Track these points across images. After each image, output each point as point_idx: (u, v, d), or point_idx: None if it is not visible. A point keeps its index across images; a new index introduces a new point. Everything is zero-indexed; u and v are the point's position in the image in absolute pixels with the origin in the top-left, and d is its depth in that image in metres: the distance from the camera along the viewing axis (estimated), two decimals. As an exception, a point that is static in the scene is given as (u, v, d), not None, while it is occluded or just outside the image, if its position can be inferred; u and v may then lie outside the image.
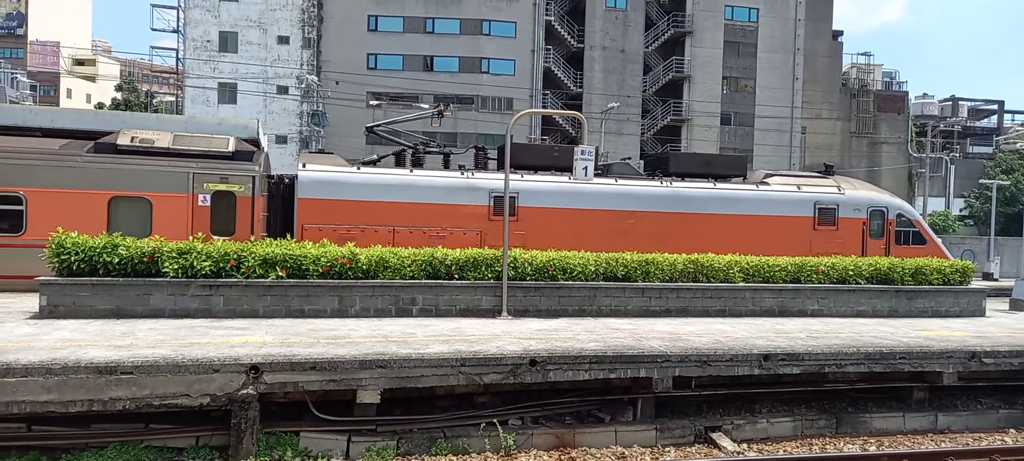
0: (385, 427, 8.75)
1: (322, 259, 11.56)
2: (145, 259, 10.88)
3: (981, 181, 49.12)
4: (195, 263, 10.97)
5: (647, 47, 50.67)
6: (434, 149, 19.49)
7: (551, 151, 19.94)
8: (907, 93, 59.71)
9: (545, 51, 48.30)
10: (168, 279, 10.86)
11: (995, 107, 67.01)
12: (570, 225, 17.56)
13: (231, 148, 15.31)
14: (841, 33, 56.17)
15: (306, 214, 16.21)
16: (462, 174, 17.71)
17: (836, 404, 10.85)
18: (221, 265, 11.12)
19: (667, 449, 9.27)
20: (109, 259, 10.75)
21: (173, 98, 58.36)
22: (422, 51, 47.79)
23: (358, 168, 17.20)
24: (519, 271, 12.44)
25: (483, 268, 12.32)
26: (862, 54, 60.72)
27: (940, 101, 65.27)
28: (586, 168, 13.23)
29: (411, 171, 17.50)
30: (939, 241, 21.22)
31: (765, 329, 11.81)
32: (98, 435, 8.08)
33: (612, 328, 11.33)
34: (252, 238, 14.04)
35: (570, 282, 12.68)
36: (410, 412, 9.21)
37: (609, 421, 9.67)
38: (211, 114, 42.90)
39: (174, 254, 10.97)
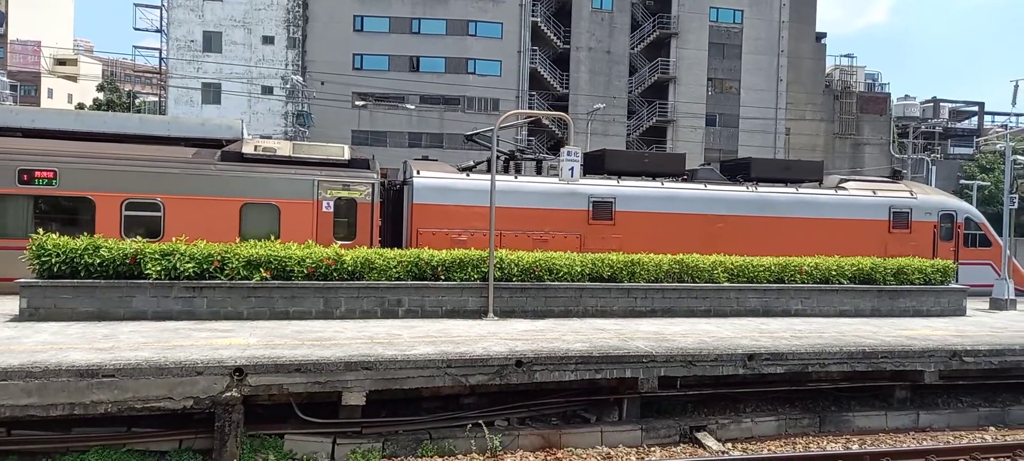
0: (371, 429, 8.72)
1: (307, 261, 11.50)
2: (127, 261, 10.78)
3: (962, 181, 49.75)
4: (178, 265, 10.88)
5: (633, 48, 50.85)
6: (529, 156, 20.03)
7: (642, 157, 20.89)
8: (889, 95, 60.35)
9: (531, 52, 48.35)
10: (151, 281, 10.76)
11: (975, 109, 67.86)
12: (664, 229, 17.97)
13: (346, 156, 16.07)
14: (825, 35, 56.66)
15: (421, 219, 16.56)
16: (562, 180, 18.15)
17: (819, 403, 10.94)
18: (205, 267, 11.03)
19: (652, 449, 9.31)
20: (91, 261, 10.64)
21: (156, 98, 57.85)
22: (408, 51, 47.69)
23: (467, 174, 17.71)
24: (505, 272, 12.44)
25: (469, 269, 12.32)
26: (845, 56, 61.28)
27: (922, 103, 65.95)
28: (573, 169, 13.27)
29: (515, 177, 18.03)
30: (1003, 243, 21.53)
31: (749, 329, 11.89)
32: (79, 439, 7.99)
33: (598, 328, 11.36)
34: (371, 243, 15.20)
35: (556, 283, 12.70)
36: (396, 414, 9.19)
37: (595, 421, 9.70)
38: (195, 114, 42.57)
39: (157, 256, 10.88)
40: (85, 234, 11.30)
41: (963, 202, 22.31)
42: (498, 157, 18.60)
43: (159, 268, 10.78)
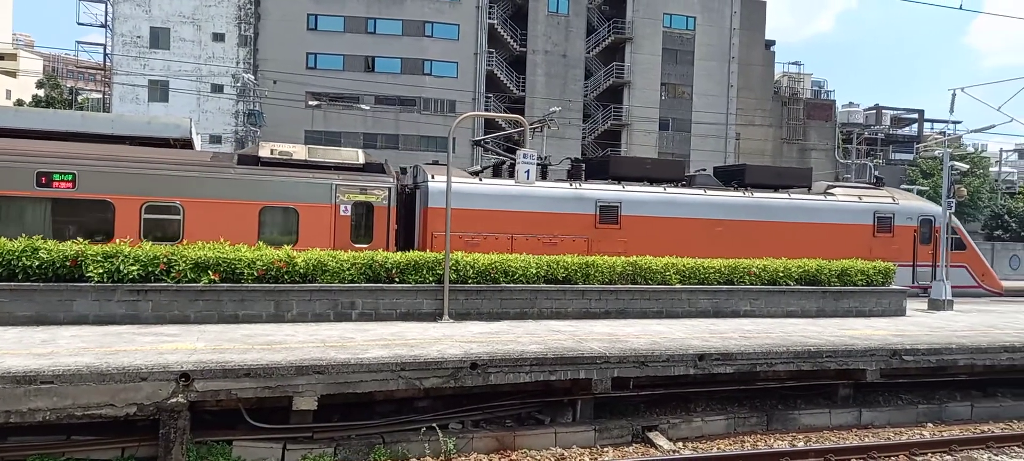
0: (322, 434, 8.60)
1: (257, 263, 11.28)
2: (68, 263, 10.41)
3: (903, 185, 51.64)
4: (122, 267, 10.55)
5: (588, 52, 51.35)
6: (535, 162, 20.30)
7: (644, 163, 21.69)
8: (835, 102, 62.26)
9: (488, 54, 48.38)
10: (93, 284, 10.40)
11: (916, 116, 70.49)
12: (667, 233, 18.46)
13: (361, 160, 16.29)
14: (774, 43, 58.12)
15: (436, 223, 16.56)
16: (571, 185, 18.63)
17: (767, 402, 11.21)
18: (150, 269, 10.73)
19: (606, 449, 9.40)
20: (29, 263, 10.24)
21: (100, 95, 55.97)
22: (363, 51, 47.22)
23: (480, 179, 18.20)
24: (461, 274, 12.42)
25: (424, 271, 12.25)
26: (793, 63, 63.07)
27: (865, 110, 68.24)
28: (528, 171, 13.32)
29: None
30: (976, 246, 23.25)
31: (700, 330, 12.11)
32: (15, 449, 7.68)
33: (553, 330, 11.42)
34: (388, 246, 15.42)
35: (512, 285, 12.72)
36: (349, 418, 9.07)
37: (549, 422, 9.75)
38: (141, 112, 41.32)
39: (99, 258, 10.52)
40: (104, 237, 11.12)
41: (940, 208, 22.91)
42: (503, 163, 19.30)
43: (101, 270, 10.43)
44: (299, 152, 15.95)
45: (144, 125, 16.48)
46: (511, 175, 18.56)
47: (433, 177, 17.17)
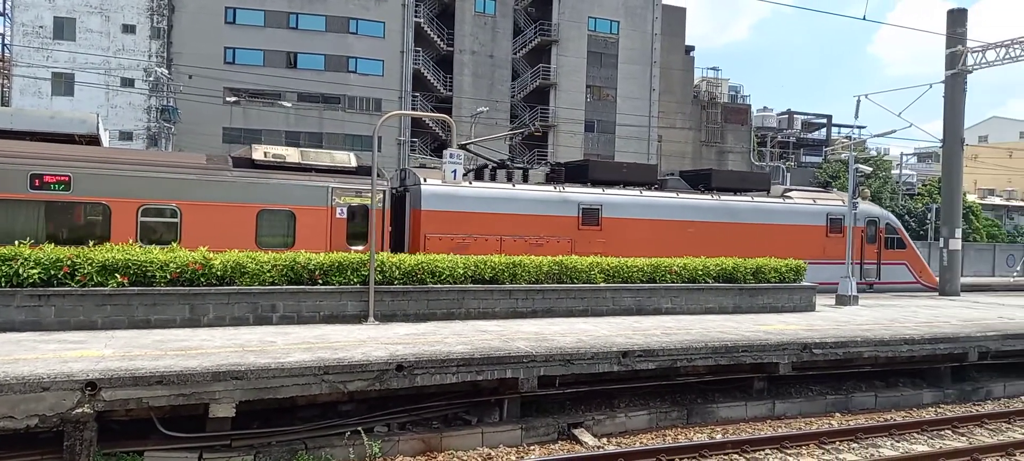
0: (240, 441, 8.31)
1: (171, 265, 10.81)
2: (-41, 267, 9.70)
3: (808, 186, 54.22)
4: (21, 270, 9.90)
5: (515, 53, 51.66)
6: (515, 165, 20.88)
7: (620, 167, 22.67)
8: (750, 106, 64.87)
9: (415, 53, 47.98)
10: (-12, 289, 9.73)
11: (824, 121, 74.28)
12: (644, 234, 19.31)
13: (354, 163, 16.32)
14: (693, 48, 60.05)
15: (429, 225, 17.10)
16: (555, 188, 19.11)
17: (687, 396, 11.55)
18: (52, 272, 10.11)
19: (532, 448, 9.47)
20: (-87, 267, 9.49)
21: (-3, 87, 52.36)
22: (285, 47, 45.98)
23: (470, 182, 18.33)
24: (386, 275, 12.25)
25: (349, 273, 12.03)
26: (711, 69, 65.30)
27: (778, 114, 71.39)
28: (455, 171, 13.26)
29: (513, 185, 18.77)
30: (914, 245, 25.04)
31: (624, 327, 12.37)
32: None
33: (480, 330, 11.42)
34: (383, 249, 15.09)
35: (439, 285, 12.65)
36: (270, 424, 8.80)
37: (476, 423, 9.74)
38: (44, 107, 38.90)
39: (-5, 261, 9.85)
40: (101, 241, 10.77)
41: (884, 210, 25.24)
42: (487, 165, 19.98)
43: (-2, 275, 9.77)
44: (292, 155, 15.98)
45: (46, 120, 15.51)
46: (493, 178, 19.09)
47: (425, 180, 17.48)
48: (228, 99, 43.12)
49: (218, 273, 11.10)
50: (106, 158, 14.52)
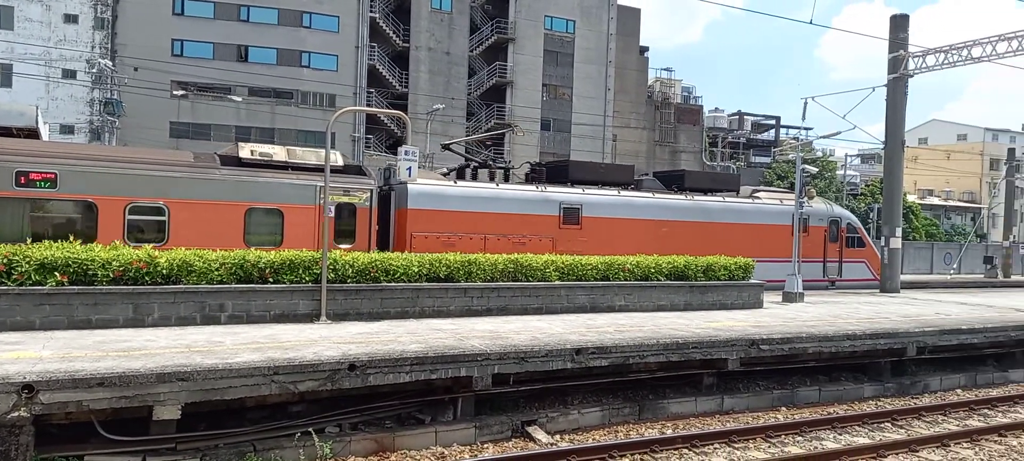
0: (186, 444, 8.10)
1: (114, 263, 10.47)
2: None
3: (761, 185, 55.54)
4: (-48, 269, 9.47)
5: (472, 51, 51.55)
6: (497, 165, 20.89)
7: (598, 167, 23.13)
8: (702, 107, 66.04)
9: (370, 48, 47.46)
10: (-85, 289, 9.29)
11: (773, 122, 76.09)
12: (622, 232, 19.83)
13: (340, 162, 16.26)
14: (647, 49, 60.83)
15: (415, 224, 17.27)
16: (537, 188, 19.43)
17: (639, 392, 11.71)
18: (-14, 271, 9.70)
19: (485, 446, 9.48)
20: None
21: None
22: (235, 40, 44.98)
23: (455, 182, 18.55)
24: (339, 273, 12.10)
25: (300, 271, 11.83)
26: (665, 70, 66.27)
27: (729, 115, 72.88)
28: (410, 168, 13.17)
29: (497, 185, 18.98)
30: (873, 244, 26.30)
31: (578, 325, 12.47)
32: None
33: (435, 329, 11.37)
34: (370, 247, 15.75)
35: (393, 284, 12.55)
36: (217, 426, 8.61)
37: (430, 422, 9.70)
38: (-23, 97, 37.24)
39: (-77, 259, 9.40)
40: (87, 239, 10.95)
41: (846, 211, 26.39)
42: (469, 165, 20.22)
43: (-74, 273, 9.34)
44: (279, 153, 15.95)
45: (-21, 112, 14.82)
46: (474, 177, 19.24)
47: (413, 179, 17.38)
48: (175, 93, 41.97)
49: (163, 271, 10.80)
50: (94, 155, 14.40)
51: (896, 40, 24.15)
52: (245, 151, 15.63)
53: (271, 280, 11.60)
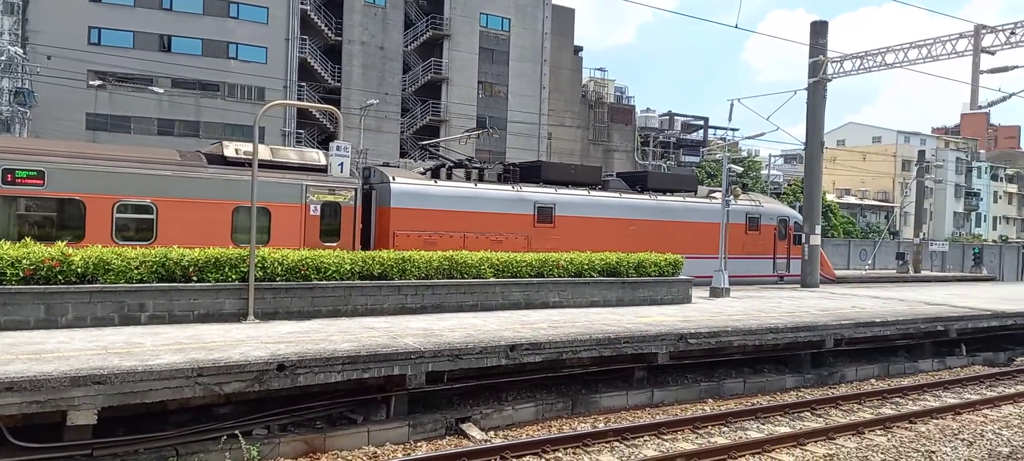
0: (103, 450, 7.73)
1: (24, 262, 9.89)
2: None
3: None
4: None
5: (407, 46, 51.02)
6: (475, 165, 21.26)
7: (569, 168, 23.47)
8: (635, 107, 67.35)
9: (301, 41, 46.35)
10: None
11: (702, 123, 78.27)
12: (593, 231, 20.36)
13: (323, 161, 16.31)
14: (581, 49, 61.59)
15: (398, 222, 17.49)
16: (513, 188, 19.85)
17: (572, 387, 11.86)
18: None
19: (419, 444, 9.41)
20: None
21: None
22: (158, 29, 43.17)
23: (435, 181, 18.78)
24: (268, 271, 11.77)
25: (227, 269, 11.46)
26: (598, 69, 67.27)
27: (660, 115, 74.56)
28: (342, 164, 12.94)
29: (475, 185, 19.35)
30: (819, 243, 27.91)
31: (513, 321, 12.53)
32: None
33: (367, 327, 11.22)
34: (354, 245, 16.12)
35: (324, 282, 12.30)
36: (137, 431, 8.25)
37: (362, 421, 9.56)
38: None
39: None
40: (75, 237, 11.26)
41: (792, 210, 27.93)
42: (444, 165, 20.46)
43: None
44: (263, 152, 15.82)
45: None
46: (449, 177, 19.43)
47: (395, 178, 17.88)
48: (92, 83, 39.96)
49: (78, 270, 10.27)
50: (82, 153, 14.39)
51: (816, 45, 25.21)
52: (230, 150, 15.67)
53: (195, 279, 11.20)
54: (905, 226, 72.43)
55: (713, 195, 24.75)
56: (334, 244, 15.89)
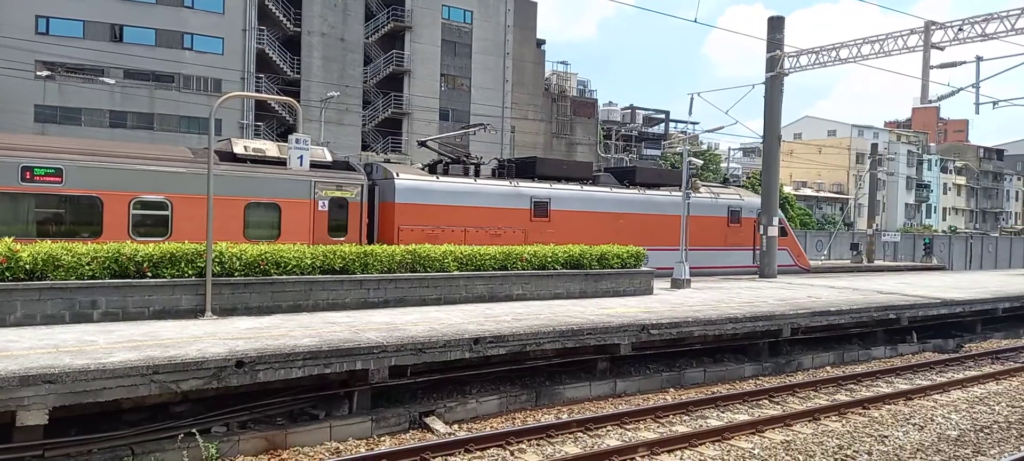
0: (55, 451, 7.51)
1: (-33, 258, 9.54)
2: None
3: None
4: None
5: (368, 38, 50.41)
6: (472, 160, 21.31)
7: (562, 164, 24.59)
8: (597, 101, 67.71)
9: (259, 32, 45.43)
10: None
11: (663, 117, 79.05)
12: (586, 225, 20.88)
13: (329, 157, 17.16)
14: (544, 42, 61.62)
15: (402, 217, 17.94)
16: (510, 183, 20.39)
17: (536, 379, 11.91)
18: None
19: (382, 439, 9.36)
20: None
21: None
22: (109, 18, 41.85)
23: (437, 177, 19.22)
24: (226, 267, 11.54)
25: (183, 264, 11.20)
26: (561, 63, 67.50)
27: (622, 109, 75.11)
28: (301, 157, 12.72)
29: (474, 180, 19.76)
30: (793, 234, 28.80)
31: (476, 314, 12.51)
32: None
33: (329, 322, 11.09)
34: (361, 240, 16.48)
35: (284, 276, 12.12)
36: (90, 431, 8.03)
37: (324, 417, 9.46)
38: None
39: None
40: (92, 234, 11.79)
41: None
42: (440, 161, 20.63)
43: None
44: (271, 149, 16.44)
45: None
46: (446, 172, 19.75)
47: (398, 174, 18.32)
48: (40, 73, 38.61)
49: (26, 266, 9.94)
50: (99, 151, 14.66)
51: (773, 40, 25.66)
52: (239, 147, 16.06)
53: (150, 274, 10.92)
54: (859, 217, 74.38)
55: (698, 191, 25.43)
56: (342, 239, 16.10)
